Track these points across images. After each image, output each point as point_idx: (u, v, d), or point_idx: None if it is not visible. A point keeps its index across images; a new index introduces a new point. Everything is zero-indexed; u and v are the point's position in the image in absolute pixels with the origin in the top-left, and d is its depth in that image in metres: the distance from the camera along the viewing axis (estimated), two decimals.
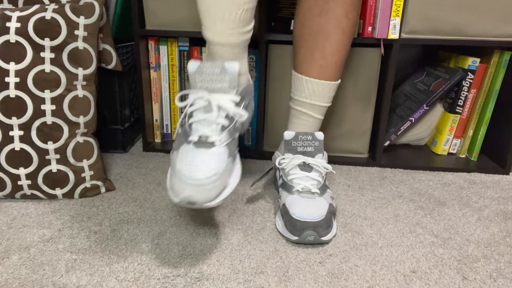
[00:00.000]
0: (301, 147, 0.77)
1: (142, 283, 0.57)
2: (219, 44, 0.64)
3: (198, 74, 0.62)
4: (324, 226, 0.66)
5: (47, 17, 0.75)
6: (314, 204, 0.69)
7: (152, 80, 1.08)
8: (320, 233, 0.65)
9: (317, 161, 0.75)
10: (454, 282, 0.59)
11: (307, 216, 0.66)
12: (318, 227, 0.65)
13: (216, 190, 0.55)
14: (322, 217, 0.66)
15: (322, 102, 0.79)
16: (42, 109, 0.75)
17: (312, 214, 0.66)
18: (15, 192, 0.77)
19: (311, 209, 0.67)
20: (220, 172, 0.56)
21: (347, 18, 0.74)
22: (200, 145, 0.59)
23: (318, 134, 0.77)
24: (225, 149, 0.60)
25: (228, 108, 0.62)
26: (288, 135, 0.77)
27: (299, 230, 0.65)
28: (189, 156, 0.57)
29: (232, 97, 0.62)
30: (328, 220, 0.67)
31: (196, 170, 0.55)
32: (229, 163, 0.59)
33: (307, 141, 0.76)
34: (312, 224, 0.65)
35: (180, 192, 0.54)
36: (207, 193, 0.54)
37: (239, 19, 0.62)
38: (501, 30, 0.89)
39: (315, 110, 0.80)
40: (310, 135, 0.76)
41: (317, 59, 0.76)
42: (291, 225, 0.66)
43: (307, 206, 0.68)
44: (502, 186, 0.92)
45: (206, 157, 0.57)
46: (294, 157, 0.76)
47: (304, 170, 0.75)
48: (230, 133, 0.62)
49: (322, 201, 0.70)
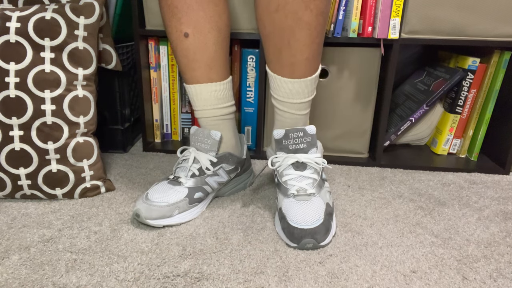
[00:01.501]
0: (292, 145, 0.73)
1: (142, 283, 0.57)
2: (203, 117, 0.79)
3: (192, 136, 0.79)
4: (322, 232, 0.65)
5: (47, 17, 0.75)
6: (311, 207, 0.68)
7: (152, 80, 1.08)
8: (318, 239, 0.64)
9: (310, 157, 0.73)
10: (454, 282, 0.58)
11: (305, 223, 0.65)
12: (316, 233, 0.64)
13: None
14: (320, 222, 0.66)
15: (302, 98, 0.74)
16: (42, 109, 0.75)
17: (309, 221, 0.66)
18: (15, 192, 0.77)
19: (308, 215, 0.66)
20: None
21: (308, 10, 0.66)
22: (172, 183, 0.75)
23: (309, 129, 0.73)
24: (189, 189, 0.74)
25: (203, 163, 0.75)
26: (278, 134, 0.74)
27: (298, 238, 0.64)
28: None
29: (209, 156, 0.77)
30: (326, 224, 0.66)
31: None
32: (186, 203, 0.73)
33: (298, 138, 0.73)
34: (310, 231, 0.64)
35: None
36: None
37: (216, 98, 0.77)
38: (501, 30, 0.89)
39: (298, 108, 0.75)
40: (301, 131, 0.73)
41: (286, 57, 0.70)
42: (289, 233, 0.66)
43: (304, 212, 0.67)
44: (502, 186, 0.92)
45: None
46: (286, 156, 0.73)
47: (298, 169, 0.73)
48: (197, 181, 0.75)
49: (319, 202, 0.69)
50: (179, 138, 1.16)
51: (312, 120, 1.03)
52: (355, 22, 0.91)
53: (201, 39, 0.73)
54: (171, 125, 1.14)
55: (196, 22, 0.72)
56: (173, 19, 0.72)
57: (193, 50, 0.73)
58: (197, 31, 0.72)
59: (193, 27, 0.72)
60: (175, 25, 0.73)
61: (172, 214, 0.70)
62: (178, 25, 0.72)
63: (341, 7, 0.90)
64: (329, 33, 0.92)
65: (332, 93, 1.00)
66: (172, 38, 0.74)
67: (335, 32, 0.92)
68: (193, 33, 0.72)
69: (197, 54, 0.74)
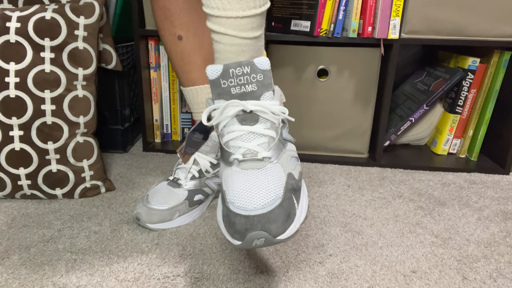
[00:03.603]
0: (236, 87, 0.50)
1: (142, 283, 0.57)
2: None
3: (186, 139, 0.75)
4: (280, 219, 0.43)
5: (47, 17, 0.75)
6: (262, 181, 0.46)
7: (152, 80, 1.08)
8: (273, 232, 0.43)
9: (263, 104, 0.49)
10: (454, 282, 0.58)
11: (251, 206, 0.44)
12: (269, 222, 0.43)
13: None
14: (276, 204, 0.44)
15: (246, 9, 0.51)
16: (42, 109, 0.75)
17: (258, 202, 0.44)
18: (15, 192, 0.77)
19: (256, 193, 0.45)
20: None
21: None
22: (171, 184, 0.75)
23: (259, 62, 0.50)
24: (189, 192, 0.74)
25: (202, 165, 0.75)
26: (213, 71, 0.50)
27: (241, 232, 0.43)
28: None
29: (209, 158, 0.76)
30: (287, 206, 0.45)
31: None
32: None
33: (243, 75, 0.49)
34: (259, 219, 0.43)
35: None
36: None
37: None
38: (501, 30, 0.89)
39: (240, 26, 0.51)
40: (247, 65, 0.49)
41: None
42: (228, 223, 0.45)
43: (251, 188, 0.45)
44: (502, 186, 0.92)
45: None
46: (227, 104, 0.49)
47: (246, 122, 0.50)
48: (196, 183, 0.75)
49: (276, 172, 0.48)
50: (179, 138, 1.16)
51: (312, 120, 1.03)
52: (355, 22, 0.91)
53: (195, 41, 0.72)
54: (171, 125, 1.14)
55: (189, 24, 0.71)
56: (166, 21, 0.72)
57: (187, 53, 0.73)
58: (191, 33, 0.72)
59: (186, 30, 0.72)
60: (168, 28, 0.72)
61: (172, 217, 0.70)
62: (171, 28, 0.72)
63: (341, 7, 0.90)
64: (329, 33, 0.92)
65: (332, 93, 1.00)
66: (165, 41, 0.74)
67: (335, 32, 0.92)
68: (186, 35, 0.72)
69: (192, 56, 0.73)
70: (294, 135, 1.05)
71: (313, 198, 0.83)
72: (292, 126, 1.04)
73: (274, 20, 1.00)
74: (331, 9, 0.90)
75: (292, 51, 0.98)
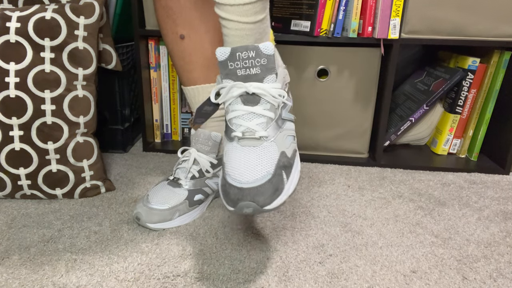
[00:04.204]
0: (241, 69, 0.54)
1: (142, 283, 0.57)
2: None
3: (193, 137, 0.77)
4: (268, 192, 0.49)
5: (47, 17, 0.75)
6: (257, 158, 0.52)
7: (152, 80, 1.08)
8: (260, 203, 0.49)
9: (263, 87, 0.54)
10: (454, 282, 0.58)
11: (245, 179, 0.50)
12: (258, 194, 0.49)
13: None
14: (266, 179, 0.50)
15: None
16: (42, 109, 0.75)
17: (251, 176, 0.50)
18: (15, 192, 0.77)
19: (251, 168, 0.51)
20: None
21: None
22: (172, 184, 0.75)
23: (264, 47, 0.53)
24: (189, 191, 0.73)
25: (202, 165, 0.75)
26: (222, 53, 0.54)
27: (234, 200, 0.50)
28: None
29: (209, 158, 0.76)
30: (276, 181, 0.51)
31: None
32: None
33: (248, 59, 0.54)
34: (249, 191, 0.49)
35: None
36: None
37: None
38: (501, 30, 0.89)
39: (243, 12, 0.54)
40: (252, 49, 0.53)
41: None
42: (225, 192, 0.52)
43: (247, 163, 0.52)
44: (502, 186, 0.92)
45: None
46: (233, 85, 0.55)
47: (248, 103, 0.55)
48: (196, 183, 0.75)
49: (271, 150, 0.53)
50: (179, 138, 1.16)
51: (312, 120, 1.03)
52: (355, 22, 0.91)
53: (197, 40, 0.72)
54: (171, 125, 1.14)
55: (191, 23, 0.71)
56: (168, 20, 0.72)
57: (189, 52, 0.73)
58: (193, 32, 0.72)
59: (188, 29, 0.72)
60: (170, 26, 0.72)
61: (172, 217, 0.70)
62: (174, 26, 0.72)
63: (341, 7, 0.90)
64: (329, 33, 0.92)
65: (332, 93, 1.00)
66: (167, 40, 0.74)
67: (335, 32, 0.92)
68: (188, 34, 0.72)
69: (194, 56, 0.73)
70: None
71: (313, 198, 0.83)
72: None
73: (274, 20, 1.00)
74: (331, 9, 0.90)
75: (292, 51, 0.98)
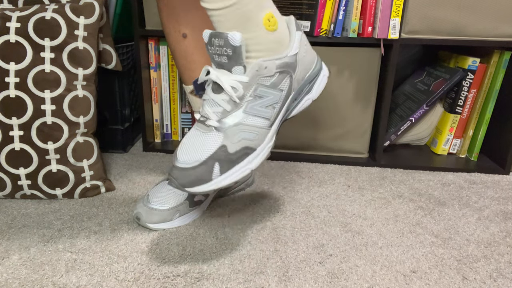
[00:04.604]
0: (215, 55, 0.56)
1: (142, 283, 0.57)
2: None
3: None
4: (189, 178, 0.54)
5: (47, 17, 0.75)
6: (197, 143, 0.56)
7: (152, 80, 1.08)
8: (184, 184, 0.54)
9: (220, 77, 0.55)
10: (454, 282, 0.58)
11: (180, 157, 0.55)
12: (181, 176, 0.54)
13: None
14: (195, 164, 0.54)
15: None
16: (42, 109, 0.75)
17: (186, 158, 0.55)
18: (15, 192, 0.77)
19: (190, 151, 0.55)
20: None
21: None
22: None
23: (232, 37, 0.52)
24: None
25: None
26: (205, 36, 0.56)
27: (169, 171, 0.56)
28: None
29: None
30: (201, 171, 0.54)
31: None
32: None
33: (219, 46, 0.54)
34: (176, 169, 0.55)
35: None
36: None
37: None
38: (501, 30, 0.89)
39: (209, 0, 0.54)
40: (222, 37, 0.53)
41: None
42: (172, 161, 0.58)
43: (189, 146, 0.56)
44: (502, 186, 0.92)
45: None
46: (205, 69, 0.58)
47: (214, 90, 0.57)
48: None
49: (212, 141, 0.55)
50: (179, 138, 1.16)
51: (312, 120, 1.03)
52: (355, 22, 0.91)
53: (199, 40, 0.72)
54: (171, 125, 1.14)
55: (194, 22, 0.71)
56: (171, 19, 0.72)
57: (191, 51, 0.73)
58: (196, 31, 0.72)
59: (191, 28, 0.72)
60: (173, 25, 0.72)
61: (172, 217, 0.70)
62: (177, 25, 0.72)
63: (341, 7, 0.90)
64: (329, 33, 0.92)
65: (332, 93, 1.00)
66: (170, 39, 0.74)
67: (335, 32, 0.92)
68: (191, 33, 0.72)
69: (196, 55, 0.73)
70: (294, 135, 1.05)
71: (313, 198, 0.83)
72: (292, 126, 1.04)
73: None
74: (331, 9, 0.90)
75: None
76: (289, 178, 0.93)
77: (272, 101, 0.58)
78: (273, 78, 0.57)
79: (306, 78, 0.63)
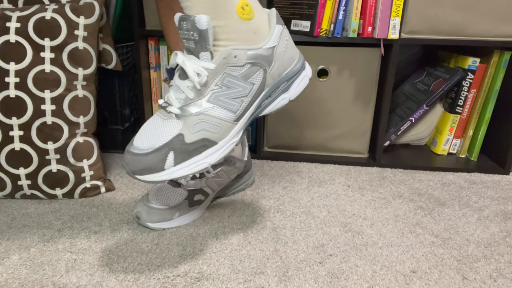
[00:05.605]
0: (184, 39, 0.53)
1: (142, 283, 0.57)
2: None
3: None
4: (140, 165, 0.51)
5: (47, 17, 0.75)
6: (154, 129, 0.53)
7: (152, 80, 1.08)
8: (131, 168, 0.52)
9: (186, 62, 0.52)
10: (454, 282, 0.58)
11: (135, 142, 0.53)
12: (132, 161, 0.52)
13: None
14: (143, 151, 0.52)
15: None
16: (42, 109, 0.75)
17: (139, 142, 0.53)
18: (15, 192, 0.77)
19: (143, 135, 0.53)
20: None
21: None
22: (172, 184, 0.72)
23: (198, 21, 0.49)
24: (189, 191, 0.70)
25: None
26: (176, 19, 0.53)
27: (124, 153, 0.54)
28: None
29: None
30: (152, 159, 0.51)
31: None
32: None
33: (187, 30, 0.51)
34: (129, 153, 0.52)
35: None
36: None
37: None
38: (501, 30, 0.89)
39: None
40: (189, 21, 0.50)
41: None
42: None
43: (146, 130, 0.54)
44: (502, 186, 0.92)
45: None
46: (173, 54, 0.55)
47: (180, 76, 0.54)
48: (197, 183, 0.72)
49: (170, 128, 0.53)
50: None
51: (312, 120, 1.03)
52: (355, 22, 0.91)
53: None
54: None
55: None
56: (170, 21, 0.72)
57: None
58: None
59: None
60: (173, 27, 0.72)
61: (172, 217, 0.71)
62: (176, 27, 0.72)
63: (341, 7, 0.90)
64: (329, 33, 0.92)
65: (332, 93, 1.00)
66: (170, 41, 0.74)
67: (335, 32, 0.92)
68: None
69: None
70: (294, 135, 1.05)
71: (313, 198, 0.83)
72: (293, 126, 1.04)
73: None
74: (331, 9, 0.90)
75: None
76: (289, 178, 0.93)
77: (240, 94, 0.55)
78: (243, 69, 0.54)
79: (283, 76, 0.59)
